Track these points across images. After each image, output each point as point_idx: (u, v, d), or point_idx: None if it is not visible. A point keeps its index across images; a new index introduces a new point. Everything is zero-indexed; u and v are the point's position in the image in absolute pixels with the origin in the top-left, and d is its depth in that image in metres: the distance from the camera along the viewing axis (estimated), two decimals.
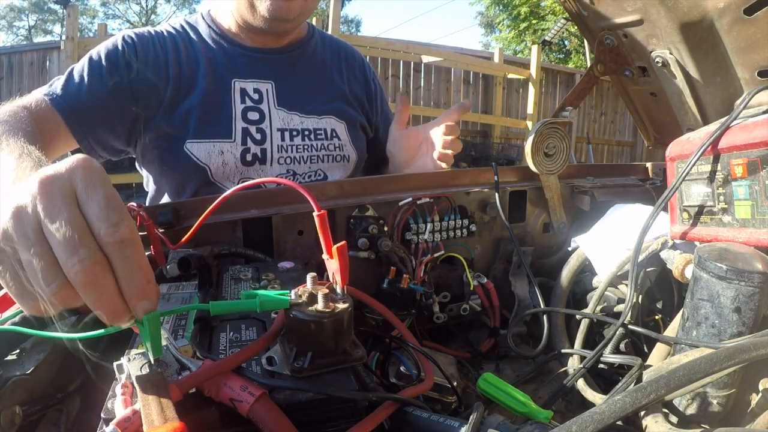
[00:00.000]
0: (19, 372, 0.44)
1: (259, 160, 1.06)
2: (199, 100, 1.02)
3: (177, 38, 1.06)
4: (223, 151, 1.03)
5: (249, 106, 1.06)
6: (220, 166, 1.03)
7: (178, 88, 1.02)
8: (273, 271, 0.62)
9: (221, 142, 1.03)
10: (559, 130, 0.92)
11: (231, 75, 1.06)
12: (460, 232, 0.85)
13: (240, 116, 1.05)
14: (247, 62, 1.08)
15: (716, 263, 0.52)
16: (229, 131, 1.03)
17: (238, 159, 1.04)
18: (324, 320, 0.42)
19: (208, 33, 1.08)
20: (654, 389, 0.35)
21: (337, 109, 1.16)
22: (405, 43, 6.07)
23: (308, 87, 1.13)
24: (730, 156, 0.62)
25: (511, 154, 6.11)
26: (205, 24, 1.09)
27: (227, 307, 0.42)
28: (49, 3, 18.62)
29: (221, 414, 0.38)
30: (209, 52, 1.06)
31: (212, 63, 1.05)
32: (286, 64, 1.12)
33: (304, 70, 1.14)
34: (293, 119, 1.10)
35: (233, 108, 1.05)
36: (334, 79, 1.18)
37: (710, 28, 0.79)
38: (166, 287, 0.58)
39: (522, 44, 13.39)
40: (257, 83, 1.08)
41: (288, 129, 1.09)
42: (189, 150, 1.01)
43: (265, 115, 1.07)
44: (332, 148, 1.13)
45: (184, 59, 1.04)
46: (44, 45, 6.11)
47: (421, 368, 0.52)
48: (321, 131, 1.12)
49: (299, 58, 1.14)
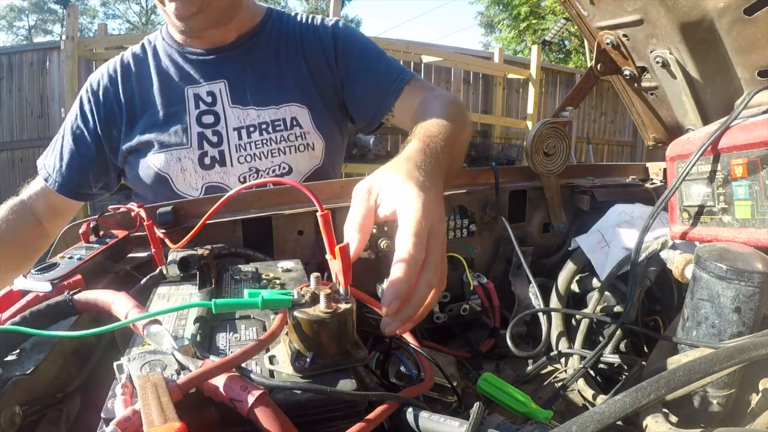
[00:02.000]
0: (19, 372, 0.44)
1: (218, 163, 1.06)
2: (155, 116, 1.07)
3: (130, 64, 1.12)
4: (180, 158, 1.05)
5: (203, 110, 1.07)
6: (180, 172, 1.05)
7: (131, 111, 1.08)
8: (273, 271, 0.62)
9: (178, 149, 1.05)
10: (559, 130, 0.92)
11: (184, 84, 1.08)
12: (460, 232, 0.85)
13: (195, 122, 1.06)
14: (198, 67, 1.09)
15: (716, 263, 0.52)
16: (185, 138, 1.06)
17: (195, 163, 1.05)
18: (326, 320, 0.42)
19: (163, 46, 1.12)
20: (654, 389, 0.35)
21: (297, 94, 1.10)
22: (405, 43, 6.06)
23: (263, 78, 1.10)
24: (730, 156, 0.62)
25: (511, 154, 6.10)
26: (161, 38, 1.13)
27: (230, 305, 0.42)
28: (49, 3, 18.63)
29: (221, 414, 0.38)
30: (162, 68, 1.10)
31: (165, 77, 1.09)
32: (237, 58, 1.10)
33: (258, 61, 1.10)
34: (249, 114, 1.07)
35: (188, 115, 1.06)
36: (292, 62, 1.12)
37: (710, 28, 0.78)
38: (166, 287, 0.58)
39: (522, 44, 13.39)
40: (210, 85, 1.08)
41: (244, 126, 1.07)
42: (151, 162, 1.06)
43: (220, 116, 1.07)
44: (293, 138, 1.09)
45: (135, 83, 1.09)
46: (44, 45, 6.10)
47: (421, 368, 0.52)
48: (279, 122, 1.08)
49: (251, 49, 1.11)
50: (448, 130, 0.75)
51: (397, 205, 0.53)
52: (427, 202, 0.52)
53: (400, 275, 0.47)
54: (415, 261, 0.48)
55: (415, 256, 0.48)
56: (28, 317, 0.47)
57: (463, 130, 0.83)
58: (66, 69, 4.58)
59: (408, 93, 1.07)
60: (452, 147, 0.73)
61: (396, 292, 0.47)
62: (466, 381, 0.67)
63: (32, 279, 0.57)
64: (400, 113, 1.08)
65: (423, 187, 0.55)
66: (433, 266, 0.50)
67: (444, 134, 0.73)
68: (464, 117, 0.90)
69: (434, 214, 0.52)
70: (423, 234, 0.50)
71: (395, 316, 0.48)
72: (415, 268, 0.48)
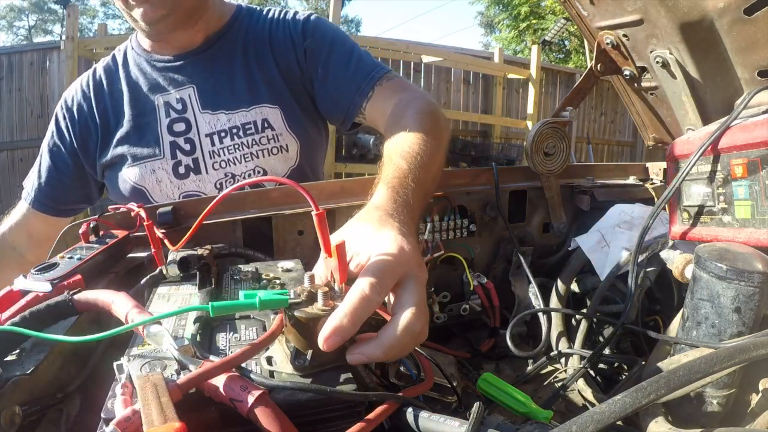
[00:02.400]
0: (19, 372, 0.44)
1: (192, 171, 1.05)
2: (128, 128, 1.06)
3: (101, 81, 1.11)
4: (155, 170, 1.04)
5: (174, 118, 1.05)
6: (155, 184, 1.04)
7: (105, 126, 1.08)
8: (273, 271, 0.62)
9: (152, 161, 1.04)
10: (559, 130, 0.92)
11: (153, 92, 1.06)
12: (460, 232, 0.85)
13: (166, 131, 1.05)
14: (166, 74, 1.07)
15: (716, 263, 0.52)
16: (157, 149, 1.04)
17: (170, 174, 1.04)
18: (323, 318, 0.42)
19: (132, 56, 1.11)
20: (654, 389, 0.35)
21: (268, 95, 1.06)
22: (405, 43, 6.06)
23: (232, 80, 1.06)
24: (730, 156, 0.62)
25: (511, 154, 6.10)
26: (130, 47, 1.12)
27: (227, 307, 0.42)
28: (49, 3, 18.64)
29: (221, 414, 0.38)
30: (131, 79, 1.08)
31: (134, 88, 1.08)
32: (205, 62, 1.07)
33: (226, 63, 1.07)
34: (219, 119, 1.05)
35: (159, 124, 1.05)
36: (261, 62, 1.07)
37: (710, 28, 0.78)
38: (166, 287, 0.58)
39: (522, 44, 13.39)
40: (179, 92, 1.06)
41: (216, 132, 1.05)
42: (126, 176, 1.05)
43: (192, 123, 1.05)
44: (265, 141, 1.05)
45: (107, 96, 1.09)
46: (44, 45, 6.10)
47: (421, 368, 0.52)
48: (250, 125, 1.05)
49: (219, 51, 1.07)
50: (419, 160, 0.71)
51: (371, 251, 0.48)
52: (405, 247, 0.49)
53: (345, 311, 0.41)
54: (363, 300, 0.42)
55: (369, 297, 0.42)
56: (28, 317, 0.47)
57: (438, 147, 0.78)
58: (66, 69, 4.58)
59: (380, 93, 1.02)
60: (425, 179, 0.69)
61: (334, 329, 0.40)
62: (466, 381, 0.67)
63: (32, 279, 0.57)
64: (372, 115, 1.03)
65: (400, 231, 0.52)
66: (415, 313, 0.44)
67: (416, 168, 0.69)
68: (439, 127, 0.84)
69: (412, 259, 0.48)
70: (387, 277, 0.45)
71: (363, 353, 0.43)
72: (364, 307, 0.42)
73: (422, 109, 0.88)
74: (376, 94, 1.02)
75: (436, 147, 0.77)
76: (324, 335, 0.41)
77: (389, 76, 1.04)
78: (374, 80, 1.03)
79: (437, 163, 0.77)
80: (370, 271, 0.45)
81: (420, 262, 0.49)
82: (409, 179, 0.66)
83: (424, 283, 0.48)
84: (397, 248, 0.48)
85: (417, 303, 0.45)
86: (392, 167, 0.69)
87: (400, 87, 1.02)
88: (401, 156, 0.71)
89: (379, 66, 1.06)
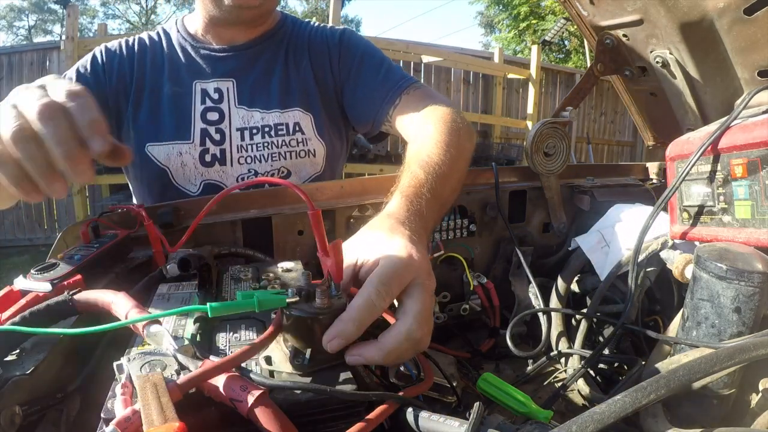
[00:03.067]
0: (19, 372, 0.44)
1: (218, 161, 1.06)
2: (161, 104, 1.05)
3: (146, 45, 1.10)
4: (181, 153, 1.04)
5: (209, 107, 1.06)
6: (180, 167, 1.04)
7: (140, 93, 1.06)
8: (273, 271, 0.62)
9: (180, 143, 1.04)
10: (559, 130, 0.92)
11: (193, 77, 1.07)
12: (460, 232, 0.85)
13: (199, 117, 1.06)
14: (209, 63, 1.08)
15: (716, 263, 0.52)
16: (187, 132, 1.05)
17: (196, 160, 1.05)
18: (320, 317, 0.42)
19: (177, 37, 1.11)
20: (654, 389, 0.35)
21: (302, 101, 1.09)
22: (405, 43, 6.06)
23: (271, 81, 1.09)
24: (730, 156, 0.62)
25: (511, 154, 6.10)
26: (175, 29, 1.12)
27: (225, 308, 0.42)
28: (49, 3, 18.63)
29: (221, 414, 0.38)
30: (174, 57, 1.09)
31: (176, 67, 1.08)
32: (248, 59, 1.09)
33: (267, 63, 1.10)
34: (254, 116, 1.07)
35: (193, 109, 1.06)
36: (300, 68, 1.11)
37: (710, 28, 0.79)
38: (166, 287, 0.58)
39: (522, 44, 13.38)
40: (218, 82, 1.07)
41: (248, 128, 1.07)
42: (150, 152, 1.04)
43: (225, 114, 1.07)
44: (295, 143, 1.08)
45: (149, 65, 1.08)
46: (44, 45, 6.10)
47: (421, 368, 0.52)
48: (282, 126, 1.07)
49: (262, 52, 1.11)
50: (438, 170, 0.71)
51: (380, 258, 0.48)
52: (414, 255, 0.49)
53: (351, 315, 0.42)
54: (369, 306, 0.43)
55: (374, 302, 0.43)
56: (28, 317, 0.47)
57: (459, 159, 0.79)
58: (66, 69, 4.57)
59: (406, 102, 1.04)
60: (442, 189, 0.70)
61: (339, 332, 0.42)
62: (466, 381, 0.67)
63: (32, 279, 0.57)
64: (398, 123, 1.04)
65: (410, 239, 0.52)
66: (418, 320, 0.45)
67: (433, 178, 0.69)
68: (461, 139, 0.83)
69: (421, 267, 0.48)
70: (394, 283, 0.45)
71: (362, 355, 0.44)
72: (369, 312, 0.43)
73: (445, 119, 0.88)
74: (402, 102, 1.04)
75: (456, 158, 0.77)
76: (328, 338, 0.42)
77: (417, 85, 1.07)
78: (402, 88, 1.05)
79: (457, 175, 0.77)
80: (377, 276, 0.45)
81: (429, 271, 0.50)
82: (425, 189, 0.67)
83: (431, 291, 0.48)
84: (406, 255, 0.49)
85: (420, 311, 0.45)
86: (409, 176, 0.69)
87: (426, 96, 1.04)
88: (419, 165, 0.72)
89: (407, 77, 1.10)
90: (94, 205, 4.94)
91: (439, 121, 0.87)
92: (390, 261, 0.47)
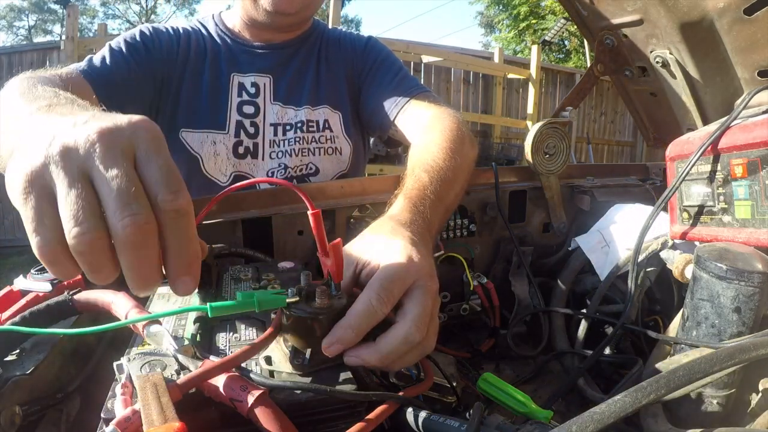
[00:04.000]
0: (19, 372, 0.44)
1: (251, 154, 1.07)
2: (200, 91, 1.06)
3: (190, 32, 1.11)
4: (215, 142, 1.05)
5: (245, 100, 1.08)
6: (212, 156, 1.05)
7: (182, 76, 1.07)
8: (273, 271, 0.62)
9: (215, 132, 1.05)
10: (559, 130, 0.92)
11: (231, 69, 1.09)
12: (460, 232, 0.85)
13: (235, 109, 1.07)
14: (248, 57, 1.10)
15: (716, 263, 0.52)
16: (223, 123, 1.06)
17: (230, 150, 1.06)
18: (320, 317, 0.42)
19: (215, 30, 1.13)
20: (654, 389, 0.35)
21: (332, 99, 1.13)
22: (405, 43, 6.06)
23: (305, 79, 1.13)
24: (730, 156, 0.62)
25: (511, 154, 6.10)
26: (213, 23, 1.14)
27: (225, 308, 0.42)
28: (49, 3, 18.63)
29: (221, 414, 0.38)
30: (214, 47, 1.10)
31: (216, 56, 1.09)
32: (286, 57, 1.12)
33: (303, 62, 1.14)
34: (287, 113, 1.10)
35: (230, 101, 1.07)
36: (331, 68, 1.16)
37: (710, 28, 0.79)
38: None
39: (522, 44, 13.39)
40: (255, 77, 1.09)
41: (281, 124, 1.09)
42: (184, 138, 1.05)
43: (260, 109, 1.08)
44: (323, 140, 1.11)
45: (193, 49, 1.09)
46: (44, 45, 6.11)
47: (421, 368, 0.52)
48: (313, 123, 1.10)
49: (299, 51, 1.14)
50: (442, 174, 0.71)
51: (381, 261, 0.48)
52: (414, 257, 0.48)
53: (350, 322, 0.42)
54: (369, 312, 0.43)
55: (375, 308, 0.43)
56: (28, 317, 0.47)
57: (463, 166, 0.79)
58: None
59: (412, 108, 1.05)
60: (447, 193, 0.70)
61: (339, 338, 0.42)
62: (466, 381, 0.67)
63: (32, 279, 0.57)
64: (402, 128, 1.06)
65: (411, 241, 0.51)
66: (417, 323, 0.44)
67: (437, 181, 0.69)
68: (465, 148, 0.84)
69: (422, 269, 0.48)
70: (394, 287, 0.45)
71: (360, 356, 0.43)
72: (369, 318, 0.43)
73: (451, 127, 0.88)
74: (409, 108, 1.06)
75: (460, 165, 0.77)
76: (327, 344, 0.42)
77: (426, 94, 1.09)
78: (410, 95, 1.07)
79: (461, 181, 0.77)
80: (377, 280, 0.45)
81: (431, 273, 0.49)
82: (429, 191, 0.66)
83: (433, 293, 0.48)
84: (405, 258, 0.48)
85: (420, 314, 0.45)
86: (413, 179, 0.69)
87: (433, 104, 1.05)
88: (424, 169, 0.72)
89: (419, 85, 1.12)
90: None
91: (444, 128, 0.88)
92: (390, 265, 0.47)
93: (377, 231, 0.55)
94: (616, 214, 0.86)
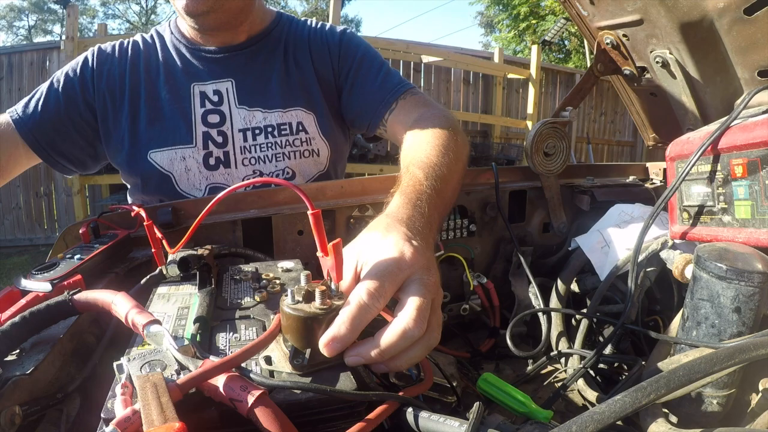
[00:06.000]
0: (19, 372, 0.44)
1: (222, 164, 1.04)
2: (161, 108, 1.04)
3: (140, 50, 1.08)
4: (185, 157, 1.03)
5: (209, 109, 1.05)
6: (184, 172, 1.03)
7: (136, 102, 1.04)
8: (273, 271, 0.62)
9: (182, 148, 1.03)
10: (559, 130, 0.92)
11: (190, 80, 1.06)
12: (460, 232, 0.85)
13: (200, 120, 1.04)
14: (205, 64, 1.07)
15: (716, 263, 0.52)
16: (189, 137, 1.03)
17: (200, 164, 1.03)
18: (320, 317, 0.42)
19: (171, 39, 1.10)
20: (654, 389, 0.35)
21: (304, 99, 1.08)
22: (405, 43, 6.05)
23: (271, 80, 1.08)
24: (730, 156, 0.62)
25: (511, 154, 6.10)
26: (169, 31, 1.11)
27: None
28: (49, 3, 18.63)
29: (221, 414, 0.37)
30: (169, 60, 1.08)
31: (171, 71, 1.06)
32: (246, 59, 1.08)
33: (266, 63, 1.09)
34: (255, 116, 1.06)
35: (193, 112, 1.04)
36: (300, 66, 1.10)
37: (710, 28, 0.79)
38: (166, 287, 0.58)
39: (522, 44, 13.38)
40: (216, 84, 1.06)
41: (250, 128, 1.05)
42: (153, 159, 1.03)
43: (226, 116, 1.05)
44: (298, 143, 1.07)
45: (143, 69, 1.06)
46: (44, 45, 6.09)
47: (421, 368, 0.52)
48: (285, 126, 1.06)
49: (260, 50, 1.09)
50: (437, 171, 0.71)
51: (375, 258, 0.48)
52: (405, 251, 0.48)
53: (344, 318, 0.42)
54: (361, 308, 0.43)
55: (367, 304, 0.43)
56: (28, 317, 0.47)
57: (457, 162, 0.79)
58: None
59: (402, 107, 1.04)
60: (444, 188, 0.69)
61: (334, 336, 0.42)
62: (466, 381, 0.67)
63: (32, 279, 0.57)
64: (393, 127, 1.05)
65: (405, 236, 0.51)
66: (414, 316, 0.43)
67: (433, 177, 0.69)
68: (458, 145, 0.83)
69: (416, 263, 0.47)
70: (386, 282, 0.44)
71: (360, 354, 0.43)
72: (362, 314, 0.42)
73: (442, 125, 0.88)
74: (398, 107, 1.05)
75: (454, 161, 0.77)
76: (324, 342, 0.42)
77: (413, 91, 1.07)
78: (398, 93, 1.05)
79: (456, 177, 0.77)
80: (369, 277, 0.45)
81: (427, 265, 0.48)
82: (424, 186, 0.66)
83: (431, 285, 0.47)
84: (397, 252, 0.48)
85: (417, 306, 0.44)
86: (408, 177, 0.69)
87: (422, 102, 1.04)
88: (418, 166, 0.72)
89: (405, 82, 1.10)
90: (94, 205, 4.94)
91: (435, 126, 0.87)
92: (381, 260, 0.47)
93: (374, 229, 0.55)
94: (616, 214, 0.86)
